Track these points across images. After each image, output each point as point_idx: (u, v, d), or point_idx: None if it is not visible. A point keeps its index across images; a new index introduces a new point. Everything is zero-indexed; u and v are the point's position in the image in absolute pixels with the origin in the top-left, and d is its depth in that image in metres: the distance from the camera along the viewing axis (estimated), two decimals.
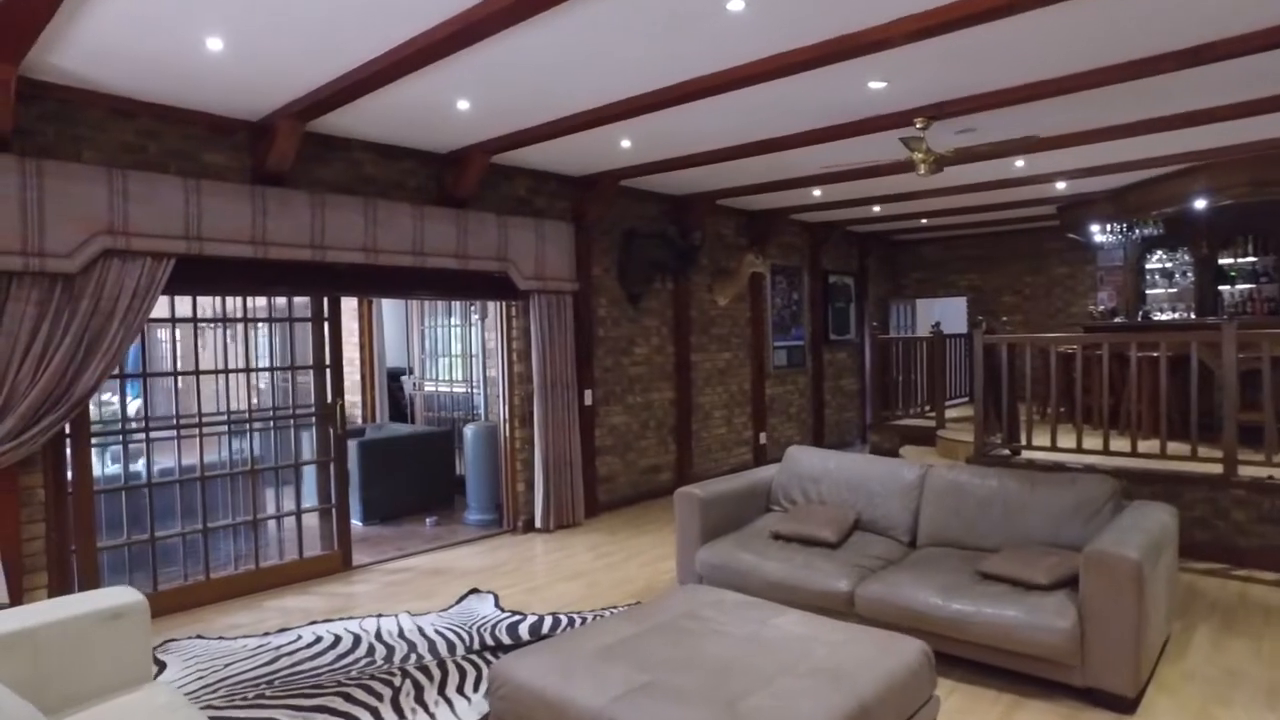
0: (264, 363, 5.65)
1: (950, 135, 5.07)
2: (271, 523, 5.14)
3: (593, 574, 5.08)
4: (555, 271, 6.18)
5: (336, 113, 4.48)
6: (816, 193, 7.39)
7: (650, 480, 7.36)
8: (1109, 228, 7.78)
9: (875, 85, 4.26)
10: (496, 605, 4.47)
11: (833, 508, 4.34)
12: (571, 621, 4.19)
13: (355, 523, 6.67)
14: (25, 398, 3.80)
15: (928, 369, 7.68)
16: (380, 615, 4.34)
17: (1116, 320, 8.07)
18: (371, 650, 3.86)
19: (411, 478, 7.01)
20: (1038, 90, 4.25)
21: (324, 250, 4.80)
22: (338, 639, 4.02)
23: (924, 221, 9.45)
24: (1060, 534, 3.64)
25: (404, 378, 8.94)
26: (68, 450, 4.15)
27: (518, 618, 4.26)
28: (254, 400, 5.36)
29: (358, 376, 9.45)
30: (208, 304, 5.21)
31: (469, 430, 6.69)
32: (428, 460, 7.12)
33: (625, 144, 5.41)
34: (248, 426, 4.91)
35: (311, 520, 5.25)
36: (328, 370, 5.18)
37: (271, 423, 5.10)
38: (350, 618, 4.31)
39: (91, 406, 4.28)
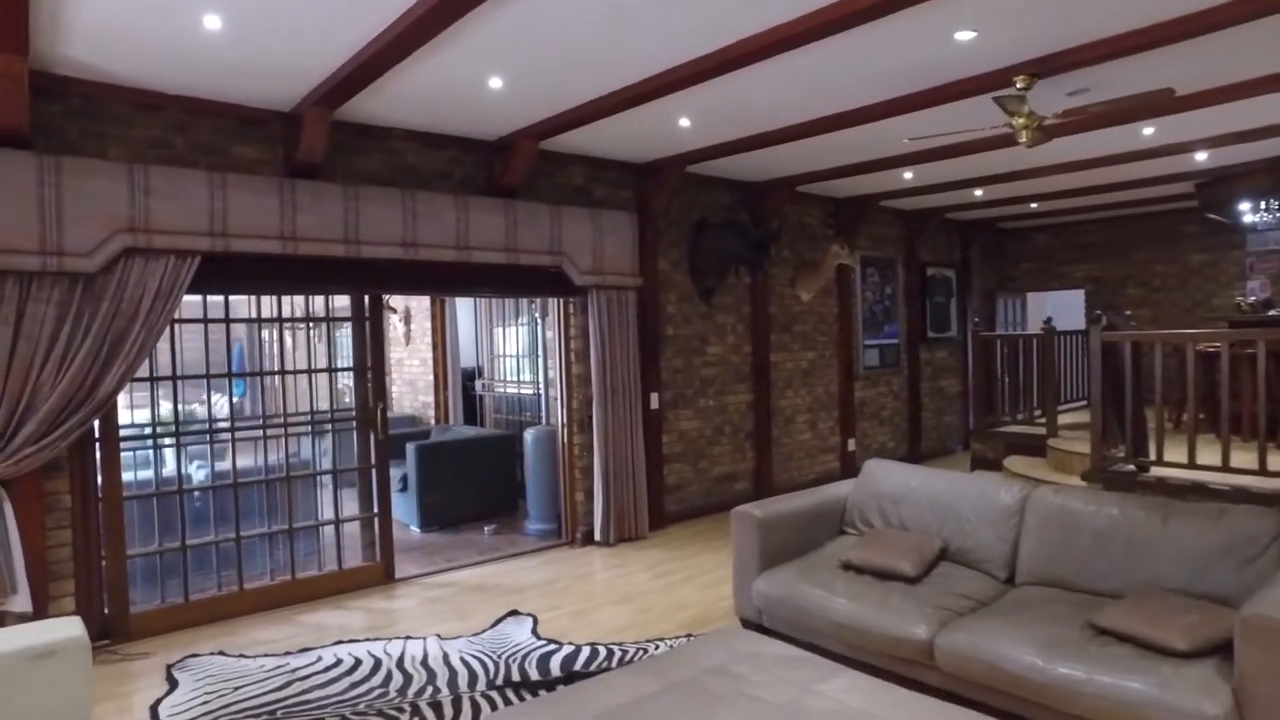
0: (305, 364, 5.44)
1: (1059, 96, 4.30)
2: (312, 531, 4.91)
3: (646, 597, 4.62)
4: (615, 265, 5.75)
5: (366, 98, 4.19)
6: (907, 175, 6.66)
7: (724, 490, 6.82)
8: (1265, 205, 6.67)
9: (963, 36, 3.60)
10: (533, 631, 4.07)
11: (915, 534, 3.72)
12: (610, 654, 3.74)
13: (413, 529, 6.47)
14: (46, 401, 3.68)
15: (1038, 370, 6.80)
16: (408, 637, 4.02)
17: (1272, 313, 6.92)
18: (388, 679, 3.53)
19: (472, 483, 6.74)
20: (1170, 31, 3.48)
21: (359, 245, 4.54)
22: (357, 663, 3.72)
23: (1034, 206, 8.47)
24: (1202, 581, 2.90)
25: (476, 379, 8.74)
26: (96, 455, 4.04)
27: (552, 647, 3.85)
28: (293, 403, 5.15)
29: (430, 377, 9.38)
30: (241, 304, 5.06)
31: (529, 435, 6.36)
32: (490, 465, 6.84)
33: (684, 122, 4.92)
34: (283, 430, 4.70)
35: (355, 529, 5.02)
36: (369, 372, 4.93)
37: (310, 427, 4.89)
38: (377, 638, 4.02)
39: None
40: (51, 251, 3.68)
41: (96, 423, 3.99)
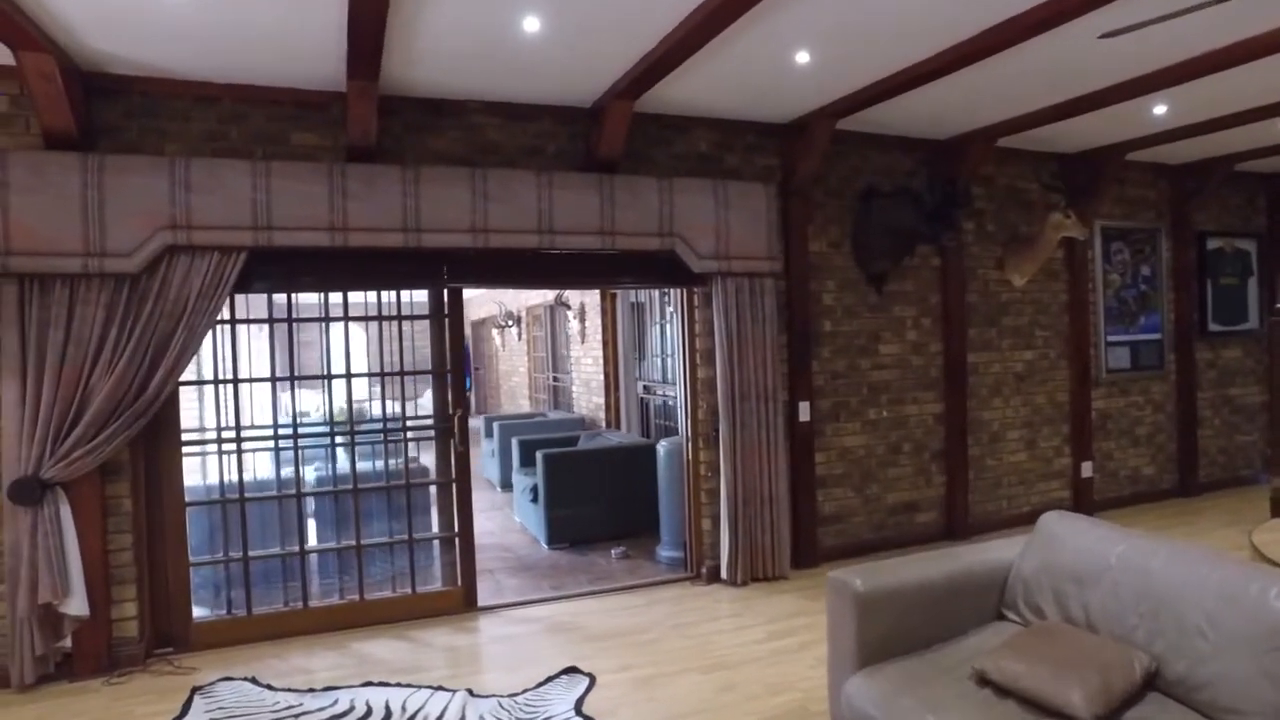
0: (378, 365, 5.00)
1: None
2: (389, 549, 4.50)
3: (743, 667, 3.61)
4: (746, 247, 4.74)
5: (405, 66, 3.66)
6: (1159, 110, 4.86)
7: (902, 522, 5.51)
8: None
9: None
10: (579, 703, 3.26)
11: (1106, 642, 2.37)
12: None
13: (542, 546, 5.95)
14: (93, 403, 3.56)
15: None
16: (439, 688, 3.41)
17: None
18: None
19: (606, 498, 6.09)
20: None
21: (419, 234, 4.02)
22: (368, 713, 3.17)
23: None
24: None
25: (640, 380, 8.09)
26: (158, 458, 3.91)
27: None
28: (370, 409, 4.77)
29: (601, 377, 8.89)
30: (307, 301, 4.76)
31: (661, 448, 5.55)
32: (627, 479, 6.13)
33: (802, 57, 3.80)
34: (351, 438, 4.33)
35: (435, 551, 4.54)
36: (448, 376, 4.42)
37: (383, 435, 4.48)
38: (408, 684, 3.45)
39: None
40: (94, 253, 3.55)
41: (154, 425, 3.86)
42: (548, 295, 10.52)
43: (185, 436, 4.00)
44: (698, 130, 4.86)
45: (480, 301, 15.31)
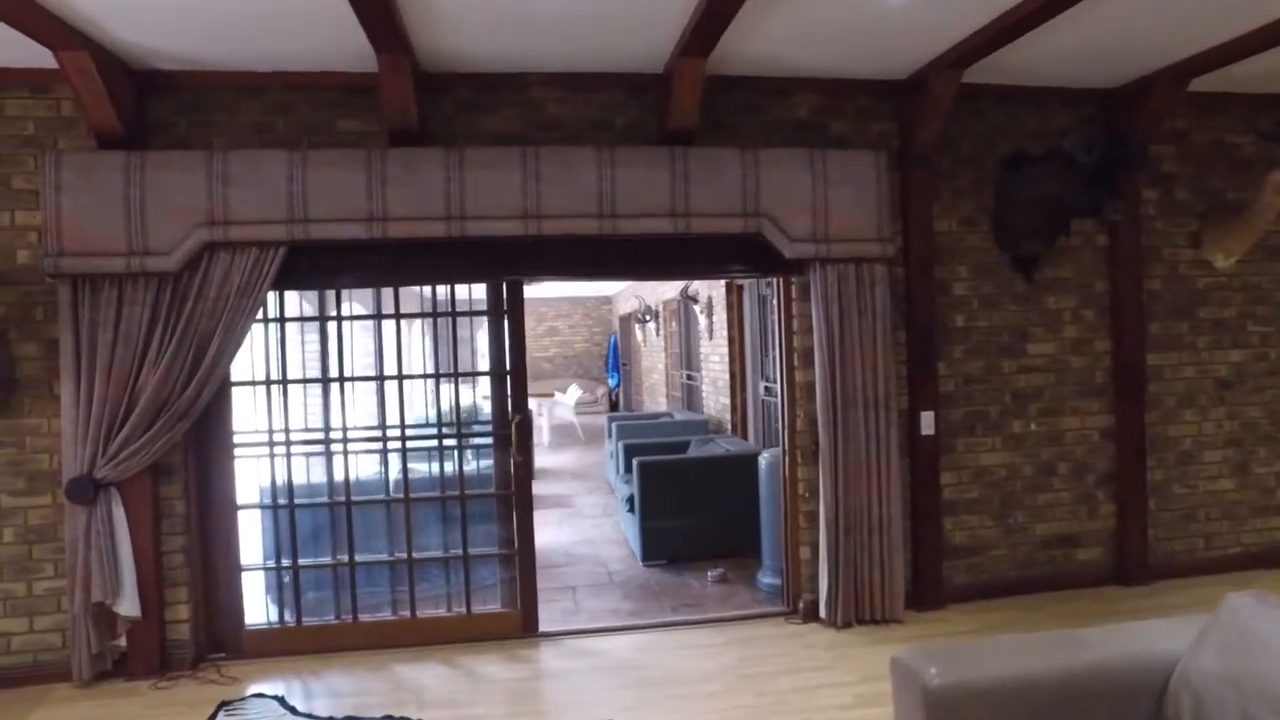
0: (430, 366, 4.58)
1: None
2: (446, 564, 4.18)
3: None
4: (851, 227, 4.00)
5: (439, 35, 3.29)
6: None
7: (1057, 559, 4.52)
8: None
9: None
10: None
11: None
12: None
13: (637, 561, 5.48)
14: (139, 404, 3.49)
15: None
16: None
17: None
18: None
19: (708, 512, 5.53)
20: None
21: (463, 222, 3.65)
22: None
23: None
24: None
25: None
26: (209, 460, 3.81)
27: None
28: (426, 411, 4.46)
29: (726, 377, 8.28)
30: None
31: (763, 459, 4.92)
32: (731, 491, 5.52)
33: None
34: (402, 443, 4.04)
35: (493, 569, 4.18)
36: (507, 378, 4.04)
37: (437, 440, 4.15)
38: None
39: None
40: (136, 252, 3.48)
41: (204, 427, 3.77)
42: (678, 287, 10.04)
43: (236, 439, 3.89)
44: (797, 94, 4.16)
45: (626, 296, 15.12)
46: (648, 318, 13.12)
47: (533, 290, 16.02)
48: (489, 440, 4.13)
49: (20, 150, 3.62)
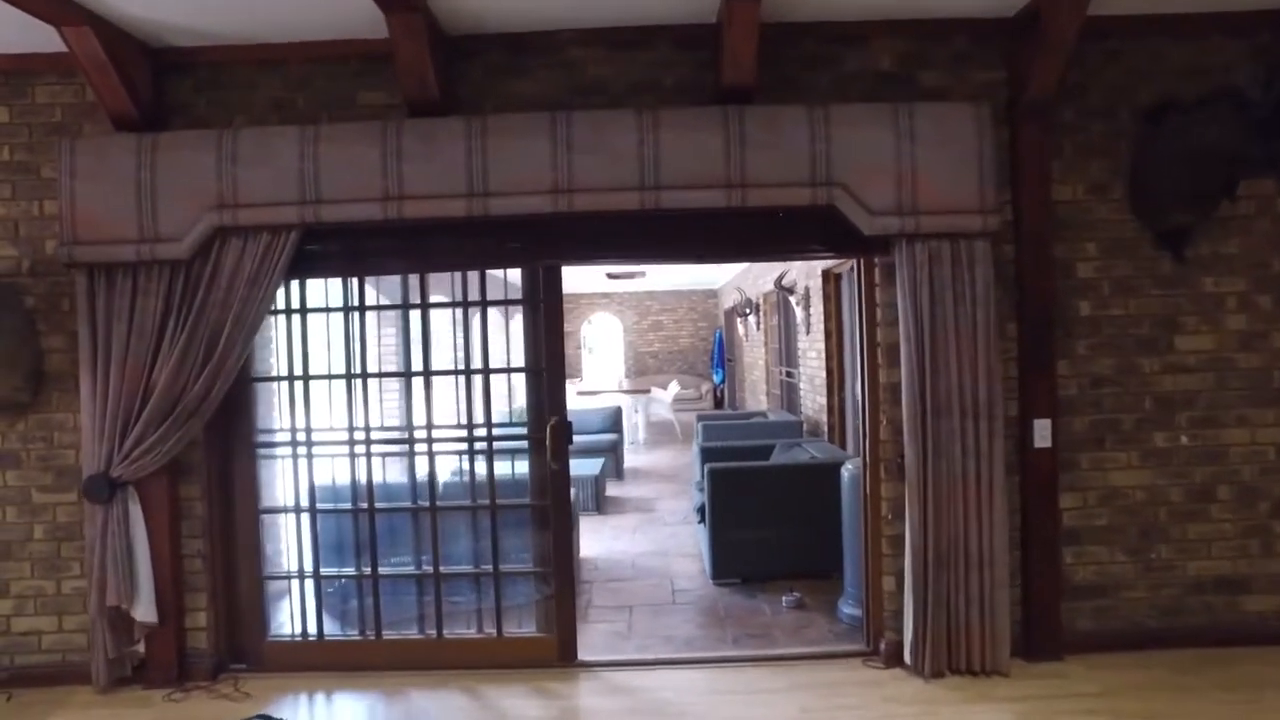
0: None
1: None
2: (477, 580, 3.79)
3: None
4: (945, 196, 3.32)
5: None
6: None
7: (1215, 606, 3.64)
8: None
9: None
10: None
11: None
12: None
13: (707, 578, 4.95)
14: (151, 401, 3.30)
15: None
16: None
17: None
18: None
19: (787, 528, 4.92)
20: None
21: (485, 199, 3.25)
22: None
23: None
24: None
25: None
26: (231, 460, 3.60)
27: None
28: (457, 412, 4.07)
29: (823, 374, 7.59)
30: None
31: (845, 471, 4.32)
32: (813, 504, 4.88)
33: None
34: (428, 446, 3.68)
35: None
36: (543, 375, 3.62)
37: (468, 444, 3.76)
38: None
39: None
40: (147, 239, 3.29)
41: (226, 425, 3.56)
42: (774, 278, 9.39)
43: (261, 438, 3.66)
44: (877, 39, 3.52)
45: (729, 289, 14.52)
46: (748, 311, 12.48)
47: (637, 283, 15.65)
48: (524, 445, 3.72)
49: (49, 138, 3.52)
